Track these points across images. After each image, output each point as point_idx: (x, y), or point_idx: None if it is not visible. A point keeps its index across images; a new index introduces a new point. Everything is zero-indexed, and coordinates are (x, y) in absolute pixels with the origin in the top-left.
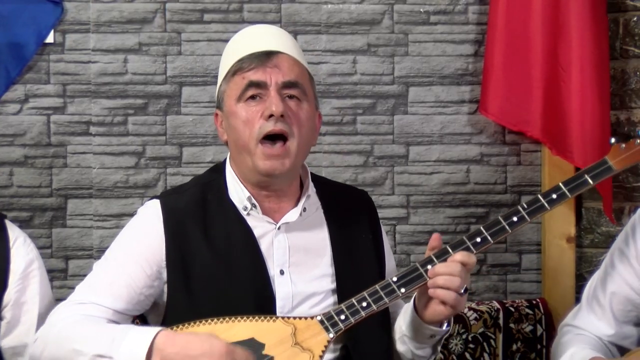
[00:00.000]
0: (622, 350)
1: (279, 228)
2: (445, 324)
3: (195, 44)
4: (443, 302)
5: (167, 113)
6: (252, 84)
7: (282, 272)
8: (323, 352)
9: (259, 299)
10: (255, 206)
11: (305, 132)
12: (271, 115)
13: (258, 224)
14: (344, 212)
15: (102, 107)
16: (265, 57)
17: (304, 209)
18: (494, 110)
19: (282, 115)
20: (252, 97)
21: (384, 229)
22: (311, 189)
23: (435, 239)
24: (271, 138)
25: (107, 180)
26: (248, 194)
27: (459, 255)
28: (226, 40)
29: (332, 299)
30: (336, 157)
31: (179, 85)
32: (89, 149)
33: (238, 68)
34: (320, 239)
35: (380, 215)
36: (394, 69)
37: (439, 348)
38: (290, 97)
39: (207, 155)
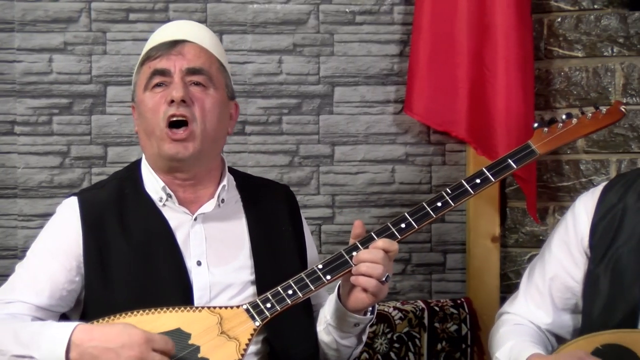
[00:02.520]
0: (560, 340)
1: (195, 219)
2: (369, 312)
3: (120, 44)
4: (365, 290)
5: (92, 113)
6: (157, 72)
7: (199, 263)
8: (249, 340)
9: (176, 290)
10: (170, 196)
11: (212, 118)
12: (173, 101)
13: (174, 215)
14: (264, 205)
15: (26, 107)
16: (170, 46)
17: (222, 200)
18: (419, 110)
19: (183, 101)
20: (158, 85)
21: (309, 227)
22: (228, 181)
23: (358, 226)
24: (177, 125)
25: (32, 180)
26: (162, 184)
27: (381, 242)
28: None
29: (251, 290)
30: (262, 156)
31: (104, 84)
32: (14, 148)
33: (145, 58)
34: (238, 231)
35: (305, 215)
36: (320, 69)
37: (364, 338)
38: (196, 83)
39: (132, 155)
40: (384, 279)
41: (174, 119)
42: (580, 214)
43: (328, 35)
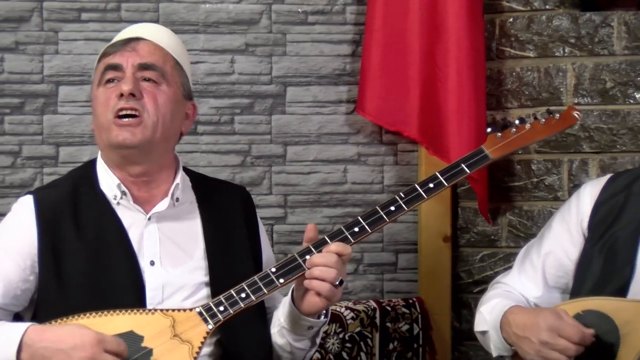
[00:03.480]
0: None
1: (149, 218)
2: (323, 316)
3: (72, 43)
4: (318, 294)
5: (44, 112)
6: (109, 67)
7: (152, 263)
8: (202, 343)
9: (128, 290)
10: (125, 194)
11: (164, 112)
12: (122, 94)
13: (129, 214)
14: (219, 206)
15: None
16: (125, 43)
17: (177, 199)
18: (371, 110)
19: (132, 94)
20: (111, 80)
21: (262, 225)
22: (182, 180)
23: (310, 230)
24: (126, 118)
25: None
26: (117, 181)
27: (334, 246)
28: (104, 40)
29: (205, 291)
30: (214, 156)
31: (56, 84)
32: None
33: (103, 54)
34: (193, 231)
35: (258, 214)
36: (272, 69)
37: (318, 340)
38: (147, 79)
39: (84, 155)
40: (337, 282)
41: (123, 112)
42: (585, 197)
43: (280, 35)
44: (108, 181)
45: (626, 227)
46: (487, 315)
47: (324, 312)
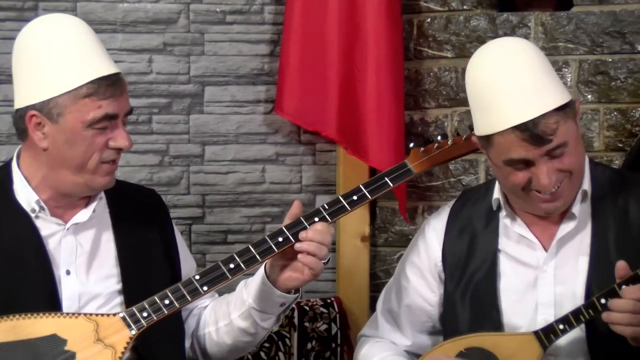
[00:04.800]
0: None
1: (67, 229)
2: (294, 291)
3: None
4: (310, 269)
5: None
6: (108, 116)
7: (68, 272)
8: (125, 348)
9: (44, 299)
10: (43, 209)
11: None
12: (120, 149)
13: (46, 224)
14: (131, 212)
15: None
16: (116, 86)
17: (94, 210)
18: (289, 110)
19: None
20: (103, 127)
21: (178, 228)
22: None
23: (296, 206)
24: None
25: None
26: (36, 197)
27: (320, 225)
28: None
29: (119, 299)
30: (132, 156)
31: None
32: None
33: (92, 92)
34: (106, 239)
35: (175, 214)
36: (190, 68)
37: (281, 318)
38: (124, 122)
39: (1, 155)
40: (326, 260)
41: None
42: (431, 238)
43: (198, 35)
44: (26, 194)
45: (480, 267)
46: None
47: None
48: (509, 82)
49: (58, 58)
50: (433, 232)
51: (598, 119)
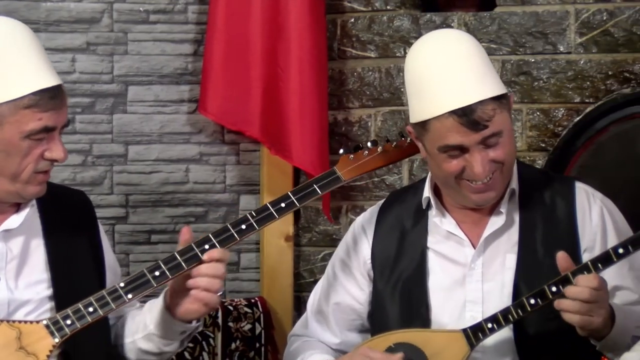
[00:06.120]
0: None
1: None
2: (195, 320)
3: None
4: (206, 304)
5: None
6: (46, 129)
7: None
8: (48, 356)
9: None
10: None
11: None
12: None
13: None
14: (62, 217)
15: None
16: (58, 99)
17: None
18: (213, 110)
19: None
20: (40, 138)
21: (103, 228)
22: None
23: (185, 232)
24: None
25: None
26: None
27: (217, 253)
28: None
29: (49, 305)
30: None
31: None
32: None
33: (34, 104)
34: (36, 244)
35: (99, 214)
36: (114, 68)
37: (186, 342)
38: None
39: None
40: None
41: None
42: (360, 237)
43: (122, 34)
44: None
45: (409, 265)
46: None
47: None
48: (448, 69)
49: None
50: (362, 231)
51: (521, 119)
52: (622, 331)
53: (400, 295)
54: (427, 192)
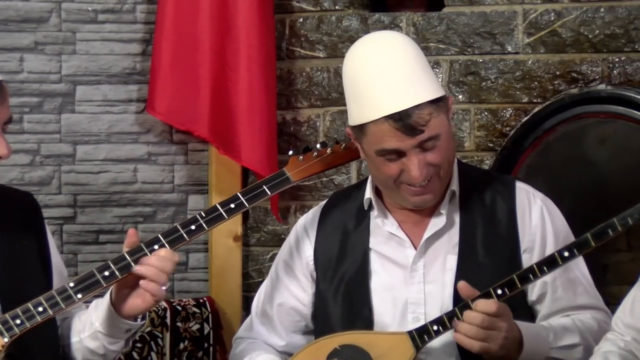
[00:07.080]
0: None
1: None
2: (140, 318)
3: None
4: (153, 295)
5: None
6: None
7: None
8: None
9: None
10: None
11: None
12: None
13: None
14: (8, 218)
15: None
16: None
17: None
18: (161, 110)
19: None
20: None
21: (50, 228)
22: None
23: (132, 235)
24: None
25: None
26: None
27: (164, 252)
28: None
29: None
30: None
31: None
32: None
33: None
34: None
35: (47, 214)
36: (62, 67)
37: (131, 341)
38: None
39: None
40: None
41: None
42: (303, 238)
43: (70, 34)
44: None
45: (352, 266)
46: None
47: (142, 315)
48: (385, 73)
49: None
50: (304, 232)
51: (469, 119)
52: (532, 356)
53: (342, 297)
54: (368, 193)
